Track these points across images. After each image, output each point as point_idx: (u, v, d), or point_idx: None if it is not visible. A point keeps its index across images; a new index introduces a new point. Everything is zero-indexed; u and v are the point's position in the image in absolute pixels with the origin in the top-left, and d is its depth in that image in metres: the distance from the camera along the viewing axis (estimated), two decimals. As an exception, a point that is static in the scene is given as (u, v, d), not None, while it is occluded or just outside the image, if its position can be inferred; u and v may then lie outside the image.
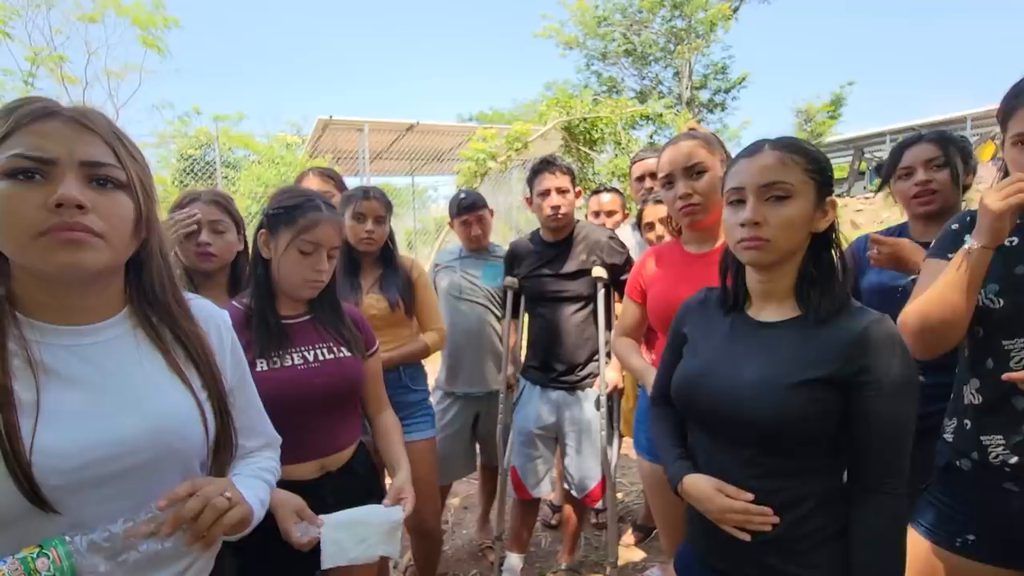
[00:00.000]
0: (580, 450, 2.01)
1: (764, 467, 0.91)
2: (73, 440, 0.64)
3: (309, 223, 1.19)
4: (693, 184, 1.33)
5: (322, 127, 8.08)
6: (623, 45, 16.59)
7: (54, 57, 7.12)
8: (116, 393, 0.69)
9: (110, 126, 0.69)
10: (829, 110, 17.13)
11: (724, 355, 0.98)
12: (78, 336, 0.69)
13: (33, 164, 0.62)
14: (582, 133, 8.53)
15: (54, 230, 0.62)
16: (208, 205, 1.48)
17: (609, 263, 1.98)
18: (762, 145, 0.93)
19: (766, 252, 0.90)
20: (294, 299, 1.25)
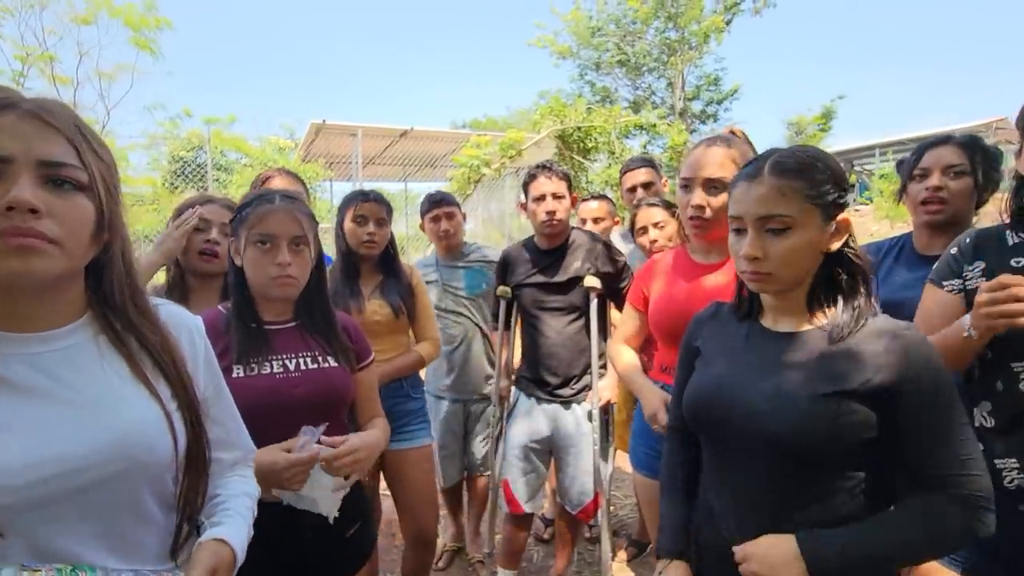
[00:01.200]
0: (574, 464, 1.97)
1: (782, 483, 0.86)
2: (22, 455, 0.59)
3: (259, 216, 1.14)
4: (709, 199, 1.28)
5: (315, 131, 8.05)
6: (617, 55, 16.73)
7: (44, 57, 7.04)
8: (74, 404, 0.64)
9: (73, 121, 0.64)
10: (820, 123, 17.39)
11: (740, 365, 0.94)
12: (31, 344, 0.64)
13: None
14: (576, 142, 8.57)
15: (4, 235, 0.57)
16: (223, 209, 1.50)
17: (604, 271, 1.94)
18: (761, 168, 0.88)
19: (768, 284, 0.89)
20: (269, 300, 1.19)
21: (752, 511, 0.88)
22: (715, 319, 1.05)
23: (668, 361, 1.39)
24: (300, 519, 1.14)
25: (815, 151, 0.91)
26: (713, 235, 1.33)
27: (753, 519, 0.87)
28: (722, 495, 0.93)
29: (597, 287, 1.92)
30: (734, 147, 1.29)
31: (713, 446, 0.97)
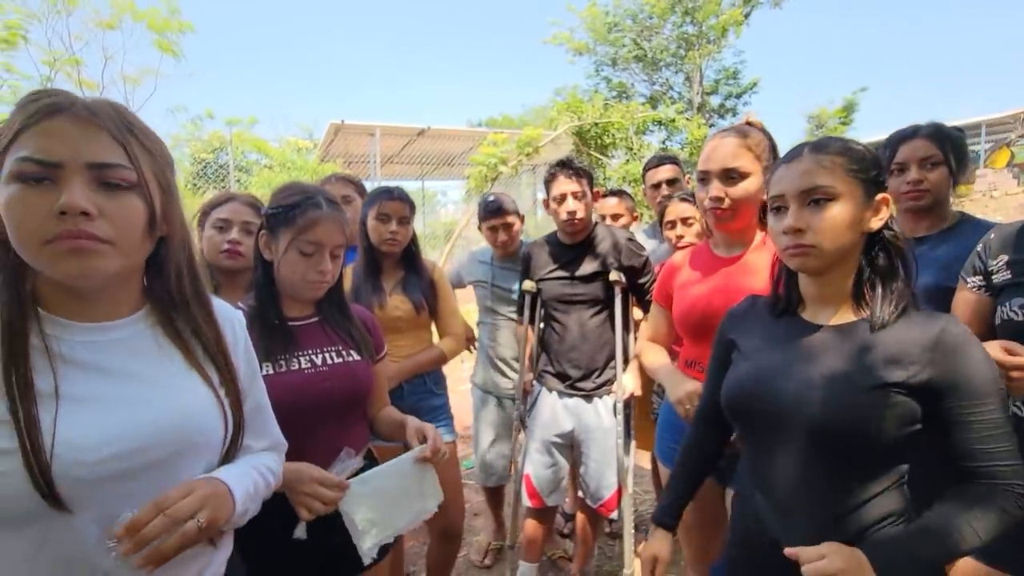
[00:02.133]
0: (596, 458, 1.97)
1: (825, 477, 0.86)
2: (95, 433, 0.63)
3: (309, 222, 1.13)
4: (727, 188, 1.27)
5: (334, 131, 8.14)
6: (633, 51, 16.59)
7: (71, 61, 7.23)
8: (137, 388, 0.69)
9: (121, 120, 0.66)
10: (841, 116, 17.04)
11: (780, 359, 0.93)
12: (98, 333, 0.69)
13: (39, 168, 0.60)
14: (593, 138, 8.54)
15: (60, 238, 0.61)
16: (243, 206, 1.53)
17: (627, 265, 1.93)
18: (801, 150, 0.90)
19: (812, 258, 0.88)
20: (298, 301, 1.21)
21: (795, 505, 0.88)
22: (751, 313, 1.05)
23: (693, 356, 1.39)
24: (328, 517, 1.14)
25: (851, 139, 0.92)
26: (734, 225, 1.32)
27: (796, 513, 0.88)
28: (764, 490, 0.93)
29: (621, 281, 1.92)
30: (749, 136, 1.29)
31: (753, 441, 0.97)
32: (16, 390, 0.60)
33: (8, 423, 0.59)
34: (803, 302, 0.98)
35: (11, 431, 0.58)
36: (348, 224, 1.22)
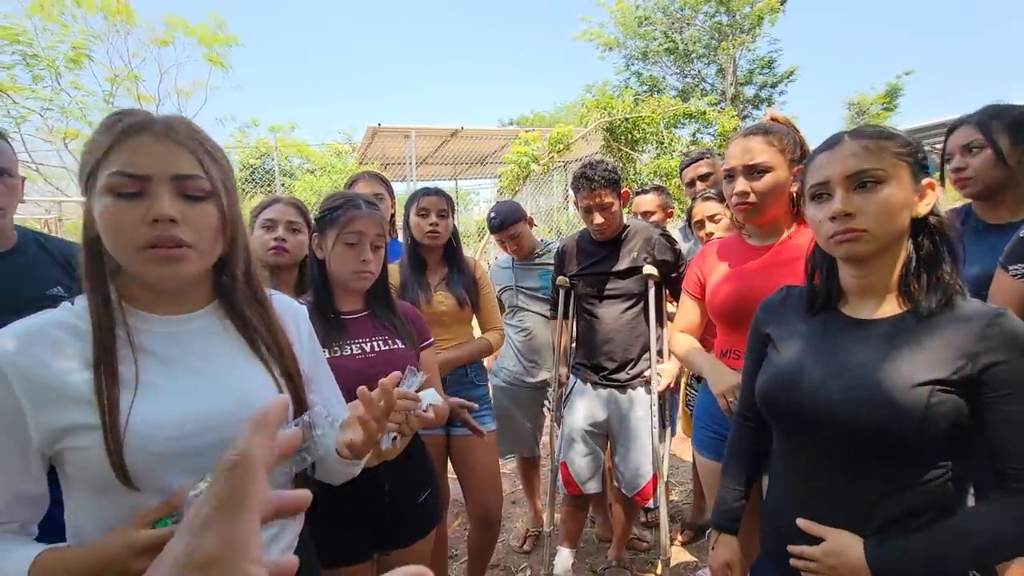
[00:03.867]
0: (631, 448, 2.04)
1: (864, 476, 0.83)
2: (169, 413, 0.70)
3: (350, 218, 1.29)
4: (752, 183, 1.31)
5: (371, 135, 8.37)
6: (664, 44, 16.35)
7: (130, 76, 7.70)
8: (207, 374, 0.75)
9: (195, 136, 0.73)
10: (884, 101, 16.34)
11: (819, 354, 0.90)
12: (174, 325, 0.76)
13: (130, 181, 0.67)
14: (624, 133, 8.50)
15: (155, 246, 0.69)
16: (287, 206, 1.65)
17: (660, 259, 1.99)
18: (840, 136, 0.87)
19: (863, 243, 0.84)
20: (349, 292, 1.35)
21: (830, 504, 0.87)
22: (786, 305, 1.02)
23: (727, 345, 1.43)
24: (381, 482, 1.29)
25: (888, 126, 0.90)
26: (763, 219, 1.36)
27: (831, 512, 0.86)
28: (800, 486, 0.91)
29: (654, 275, 1.98)
30: (771, 132, 1.32)
31: (789, 438, 0.94)
32: (103, 376, 0.67)
33: (94, 403, 0.66)
34: (843, 295, 0.94)
35: (95, 410, 0.66)
36: (385, 220, 1.36)
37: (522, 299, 2.45)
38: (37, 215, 7.33)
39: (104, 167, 0.67)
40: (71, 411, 0.66)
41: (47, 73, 7.20)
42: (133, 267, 0.70)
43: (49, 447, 0.67)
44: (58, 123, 7.54)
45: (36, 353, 0.67)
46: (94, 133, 0.71)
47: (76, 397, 0.67)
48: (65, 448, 0.67)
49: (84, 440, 0.66)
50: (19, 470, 0.67)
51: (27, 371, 0.66)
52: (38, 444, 0.67)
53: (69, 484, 0.71)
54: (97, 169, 0.68)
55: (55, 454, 0.68)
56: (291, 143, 8.30)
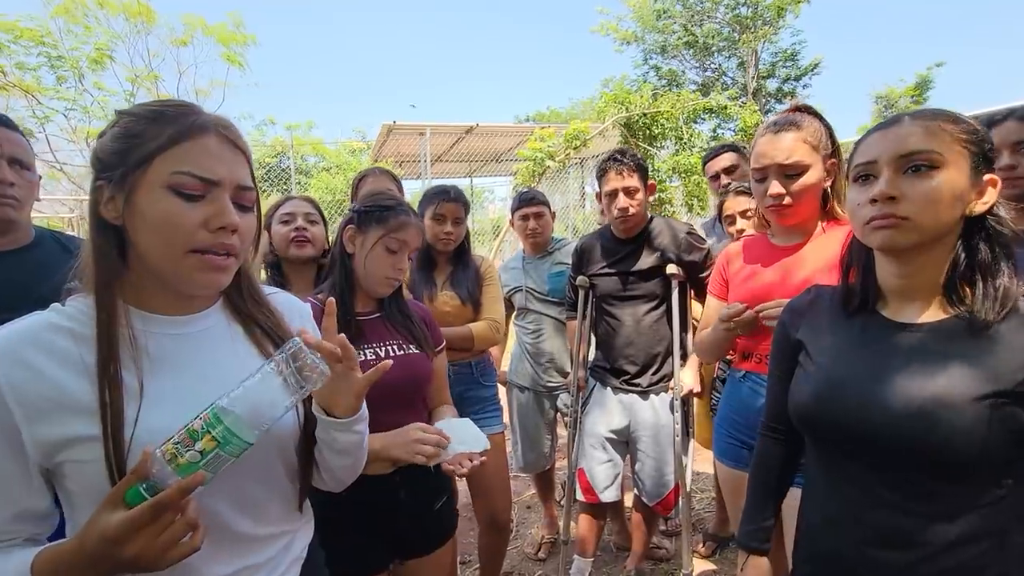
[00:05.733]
0: (653, 456, 1.96)
1: (917, 497, 0.77)
2: (178, 422, 0.64)
3: (400, 224, 1.26)
4: (787, 184, 1.23)
5: (387, 132, 8.37)
6: (684, 37, 16.10)
7: (150, 76, 7.81)
8: (216, 378, 0.70)
9: (247, 146, 0.74)
10: (913, 94, 15.86)
11: (859, 364, 0.83)
12: (181, 325, 0.73)
13: (200, 185, 0.66)
14: (642, 129, 8.35)
15: (209, 252, 0.67)
16: (302, 202, 1.71)
17: (688, 260, 1.90)
18: (900, 117, 0.80)
19: (902, 232, 0.76)
20: (371, 295, 1.30)
21: (872, 526, 0.80)
22: (816, 307, 0.95)
23: (751, 348, 1.36)
24: (396, 491, 1.23)
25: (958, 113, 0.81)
26: (796, 220, 1.29)
27: (873, 535, 0.79)
28: (840, 506, 0.84)
29: (679, 275, 1.89)
30: (804, 128, 1.23)
31: (828, 453, 0.87)
32: (107, 383, 0.63)
33: (96, 413, 0.62)
34: (882, 296, 0.86)
35: (97, 420, 0.61)
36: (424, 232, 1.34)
37: (532, 301, 2.38)
38: (61, 213, 7.48)
39: (166, 162, 0.65)
40: (70, 422, 0.62)
41: (71, 74, 7.34)
42: (175, 269, 0.67)
43: (47, 460, 0.63)
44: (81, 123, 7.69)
45: (30, 360, 0.62)
46: (139, 117, 0.67)
47: (76, 407, 0.62)
48: (64, 461, 0.62)
49: (85, 453, 0.62)
50: (20, 485, 0.63)
51: (20, 380, 0.61)
52: (35, 458, 0.62)
53: (70, 500, 0.66)
54: (151, 159, 0.64)
55: (53, 467, 0.64)
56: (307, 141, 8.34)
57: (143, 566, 0.57)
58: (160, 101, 0.70)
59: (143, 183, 0.65)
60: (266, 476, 0.77)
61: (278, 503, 0.79)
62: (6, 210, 1.18)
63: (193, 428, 0.59)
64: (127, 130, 0.67)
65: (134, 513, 0.55)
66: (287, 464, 0.80)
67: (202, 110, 0.70)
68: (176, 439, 0.59)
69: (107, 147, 0.67)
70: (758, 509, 1.04)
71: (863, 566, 0.81)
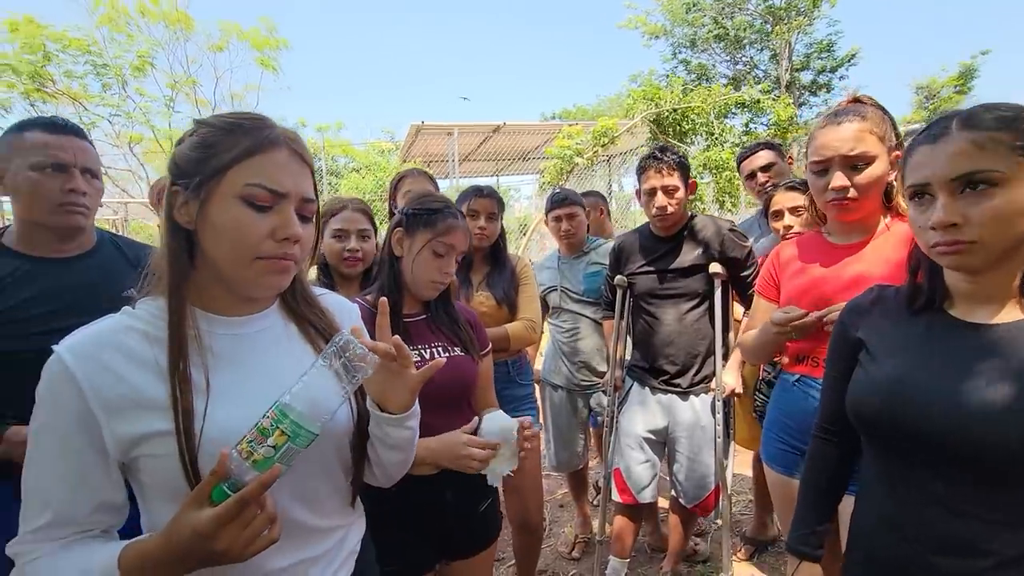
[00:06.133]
0: (692, 457, 1.92)
1: (990, 501, 0.74)
2: (243, 417, 0.67)
3: (448, 227, 1.25)
4: (852, 177, 1.17)
5: (415, 132, 8.46)
6: (714, 30, 15.76)
7: (189, 82, 8.07)
8: (276, 376, 0.73)
9: (311, 159, 0.77)
10: (957, 84, 15.17)
11: (928, 363, 0.80)
12: (242, 326, 0.76)
13: (269, 196, 0.69)
14: (672, 125, 8.23)
15: (274, 259, 0.70)
16: (355, 213, 1.66)
17: (730, 257, 1.86)
18: (947, 126, 0.75)
19: (972, 256, 0.74)
20: (418, 298, 1.31)
21: (933, 532, 0.77)
22: (879, 307, 0.92)
23: (806, 351, 1.31)
24: (442, 491, 1.24)
25: (1012, 104, 0.75)
26: (859, 215, 1.22)
27: (933, 541, 0.77)
28: (897, 508, 0.82)
29: (721, 274, 1.85)
30: (868, 118, 1.18)
31: (886, 453, 0.85)
32: (178, 382, 0.67)
33: (168, 410, 0.65)
34: (949, 296, 0.83)
35: (170, 417, 0.65)
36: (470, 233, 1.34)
37: (567, 301, 2.37)
38: (105, 216, 7.80)
39: (240, 173, 0.68)
40: (147, 418, 0.66)
41: (115, 81, 7.64)
42: (243, 273, 0.71)
43: (124, 455, 0.67)
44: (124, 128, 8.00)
45: (109, 361, 0.66)
46: (217, 127, 0.71)
47: (151, 404, 0.66)
48: (140, 456, 0.66)
49: (159, 447, 0.65)
50: (101, 479, 0.67)
51: (99, 378, 0.65)
52: (114, 454, 0.66)
53: (144, 493, 0.70)
54: (226, 171, 0.68)
55: (129, 462, 0.68)
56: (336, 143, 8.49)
57: (229, 558, 0.60)
58: (236, 113, 0.73)
59: (217, 192, 0.68)
60: (323, 470, 0.80)
61: (334, 497, 0.82)
62: (78, 218, 1.23)
63: (263, 426, 0.63)
64: (204, 140, 0.70)
65: (221, 509, 0.59)
66: (342, 459, 0.82)
67: (274, 123, 0.73)
68: (249, 438, 0.62)
69: (185, 155, 0.70)
70: (810, 512, 1.01)
71: (921, 573, 0.78)
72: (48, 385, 0.66)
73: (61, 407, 0.65)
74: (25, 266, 1.19)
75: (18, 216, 1.22)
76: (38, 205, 1.19)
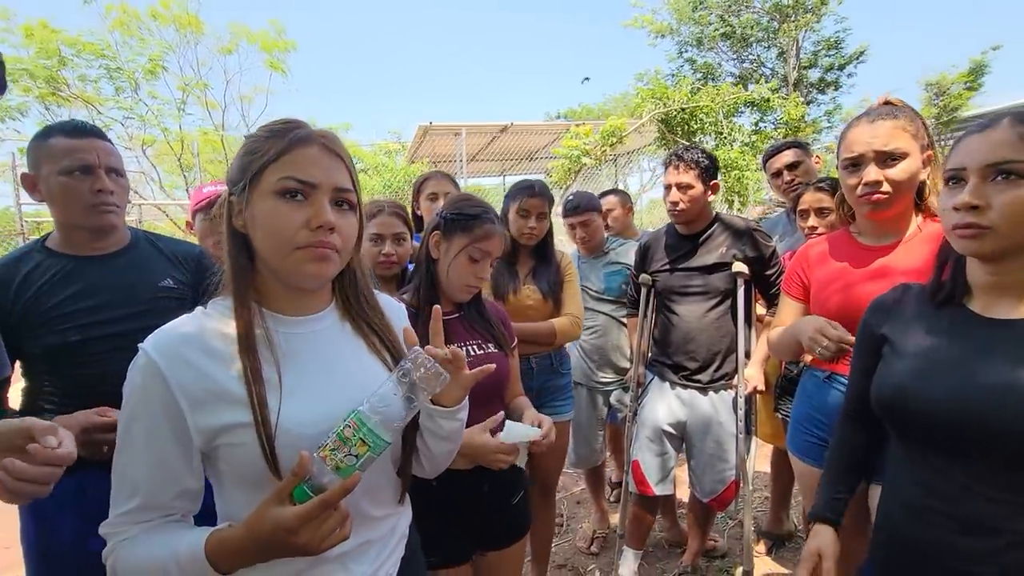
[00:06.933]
0: (710, 452, 1.95)
1: (1009, 488, 0.77)
2: (312, 411, 0.73)
3: (485, 233, 1.28)
4: (886, 171, 1.19)
5: (423, 133, 8.49)
6: (720, 28, 15.70)
7: (199, 85, 8.16)
8: (338, 371, 0.79)
9: (348, 153, 0.79)
10: (967, 80, 15.02)
11: (951, 355, 0.84)
12: (305, 325, 0.80)
13: (301, 187, 0.73)
14: (680, 124, 8.21)
15: (311, 247, 0.73)
16: (391, 217, 1.68)
17: (751, 256, 1.88)
18: (1000, 119, 0.79)
19: (984, 242, 0.78)
20: (451, 299, 1.34)
21: (953, 517, 0.81)
22: (902, 304, 0.96)
23: None
24: (480, 485, 1.27)
25: None
26: (891, 212, 1.24)
27: (953, 525, 0.80)
28: (922, 494, 0.85)
29: (744, 273, 1.87)
30: (901, 117, 1.20)
31: (911, 442, 0.88)
32: (250, 375, 0.71)
33: (245, 403, 0.70)
34: (969, 291, 0.87)
35: (248, 409, 0.69)
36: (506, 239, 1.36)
37: (588, 299, 2.40)
38: (120, 217, 7.87)
39: (274, 171, 0.72)
40: (226, 411, 0.70)
41: (127, 84, 7.73)
42: (285, 264, 0.74)
43: (206, 445, 0.71)
44: (137, 131, 8.10)
45: (189, 355, 0.70)
46: (259, 136, 0.75)
47: (230, 397, 0.70)
48: (220, 445, 0.70)
49: (239, 438, 0.69)
50: (183, 467, 0.71)
51: (183, 373, 0.69)
52: (196, 443, 0.70)
53: (221, 480, 0.74)
54: (263, 171, 0.72)
55: (210, 451, 0.72)
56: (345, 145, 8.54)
57: (307, 552, 0.65)
58: (277, 120, 0.77)
59: (257, 191, 0.73)
60: (382, 463, 0.82)
61: (389, 487, 0.87)
62: (110, 217, 1.28)
63: (345, 435, 0.68)
64: (248, 149, 0.75)
65: (304, 508, 0.63)
66: (394, 452, 0.86)
67: (307, 125, 0.77)
68: (331, 446, 0.67)
69: (234, 166, 0.77)
70: (832, 482, 1.06)
71: (943, 552, 0.82)
72: (136, 379, 0.70)
73: (149, 399, 0.69)
74: (68, 265, 1.24)
75: (56, 219, 1.27)
76: (72, 207, 1.23)
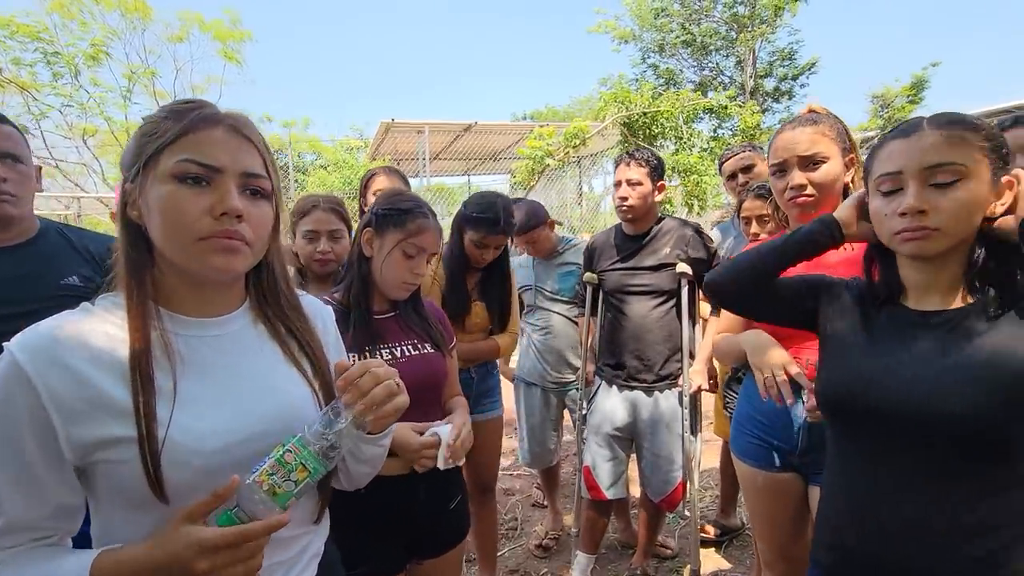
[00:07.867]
0: (658, 452, 1.96)
1: (954, 476, 0.79)
2: (210, 424, 0.66)
3: (418, 228, 1.23)
4: (809, 175, 1.24)
5: (385, 130, 8.34)
6: (682, 36, 16.10)
7: (147, 73, 7.77)
8: (245, 380, 0.72)
9: (261, 137, 0.72)
10: (909, 94, 15.91)
11: (892, 350, 0.86)
12: (210, 327, 0.72)
13: (203, 171, 0.65)
14: (642, 128, 8.37)
15: (215, 236, 0.66)
16: (326, 212, 1.61)
17: (694, 257, 1.92)
18: (919, 123, 0.82)
19: (934, 242, 0.80)
20: (386, 297, 1.29)
21: (917, 510, 0.81)
22: (842, 298, 0.98)
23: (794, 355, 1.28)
24: (416, 490, 1.23)
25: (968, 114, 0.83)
26: (818, 214, 1.25)
27: (903, 520, 0.82)
28: (863, 494, 0.86)
29: (688, 274, 1.90)
30: (821, 123, 1.25)
31: (859, 441, 0.89)
32: (139, 383, 0.63)
33: (130, 414, 0.62)
34: (903, 290, 0.90)
35: (132, 422, 0.61)
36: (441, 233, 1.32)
37: (541, 299, 2.40)
38: (56, 211, 7.43)
39: (172, 153, 0.65)
40: (108, 423, 0.62)
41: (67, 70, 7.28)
42: (187, 257, 0.66)
43: (81, 460, 0.63)
44: (77, 119, 7.63)
45: (67, 359, 0.62)
46: (156, 117, 0.68)
47: (110, 408, 0.62)
48: (98, 461, 0.62)
49: (119, 454, 0.62)
50: (57, 482, 0.63)
51: (57, 379, 0.61)
52: (70, 457, 0.62)
53: (98, 498, 0.66)
54: (160, 153, 0.65)
55: (86, 466, 0.64)
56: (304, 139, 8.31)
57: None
58: (178, 100, 0.70)
59: (152, 176, 0.65)
60: None
61: (307, 504, 0.80)
62: (4, 207, 1.17)
63: (285, 460, 0.64)
64: (144, 131, 0.67)
65: (226, 533, 0.59)
66: None
67: (214, 106, 0.70)
68: (269, 470, 0.63)
69: (128, 149, 0.68)
70: None
71: (885, 552, 0.83)
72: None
73: (12, 409, 0.60)
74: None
75: None
76: None
